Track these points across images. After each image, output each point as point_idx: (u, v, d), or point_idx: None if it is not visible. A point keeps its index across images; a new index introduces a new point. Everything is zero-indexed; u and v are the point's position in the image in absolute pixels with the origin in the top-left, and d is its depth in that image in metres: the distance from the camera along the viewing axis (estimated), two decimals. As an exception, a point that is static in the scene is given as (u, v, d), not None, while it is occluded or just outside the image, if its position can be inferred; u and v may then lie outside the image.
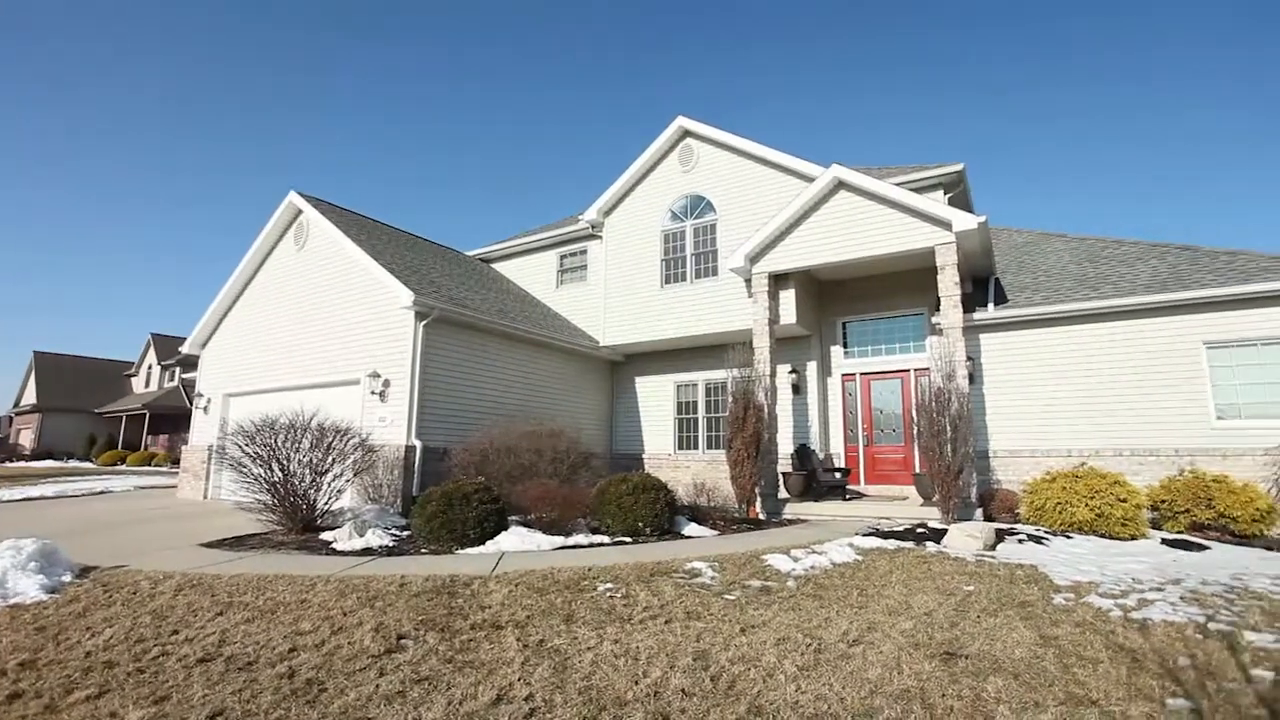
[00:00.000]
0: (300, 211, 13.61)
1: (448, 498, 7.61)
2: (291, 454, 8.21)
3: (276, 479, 8.13)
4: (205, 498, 13.89)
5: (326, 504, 8.59)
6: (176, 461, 27.44)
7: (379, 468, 10.21)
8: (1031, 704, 3.25)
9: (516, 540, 7.45)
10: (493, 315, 12.37)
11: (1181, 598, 5.21)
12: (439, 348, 11.17)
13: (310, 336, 12.63)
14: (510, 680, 3.52)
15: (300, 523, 8.22)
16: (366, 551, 7.16)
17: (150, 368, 38.63)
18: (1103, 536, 8.15)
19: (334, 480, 8.57)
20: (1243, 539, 8.26)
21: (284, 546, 7.42)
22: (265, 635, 4.21)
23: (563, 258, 16.58)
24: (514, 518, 8.39)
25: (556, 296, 16.26)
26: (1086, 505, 8.38)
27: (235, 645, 4.04)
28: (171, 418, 33.02)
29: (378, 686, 3.43)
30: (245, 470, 8.14)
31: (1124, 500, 8.29)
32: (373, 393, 10.97)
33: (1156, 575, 6.03)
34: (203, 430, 14.49)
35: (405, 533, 8.23)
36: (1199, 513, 8.62)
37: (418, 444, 10.42)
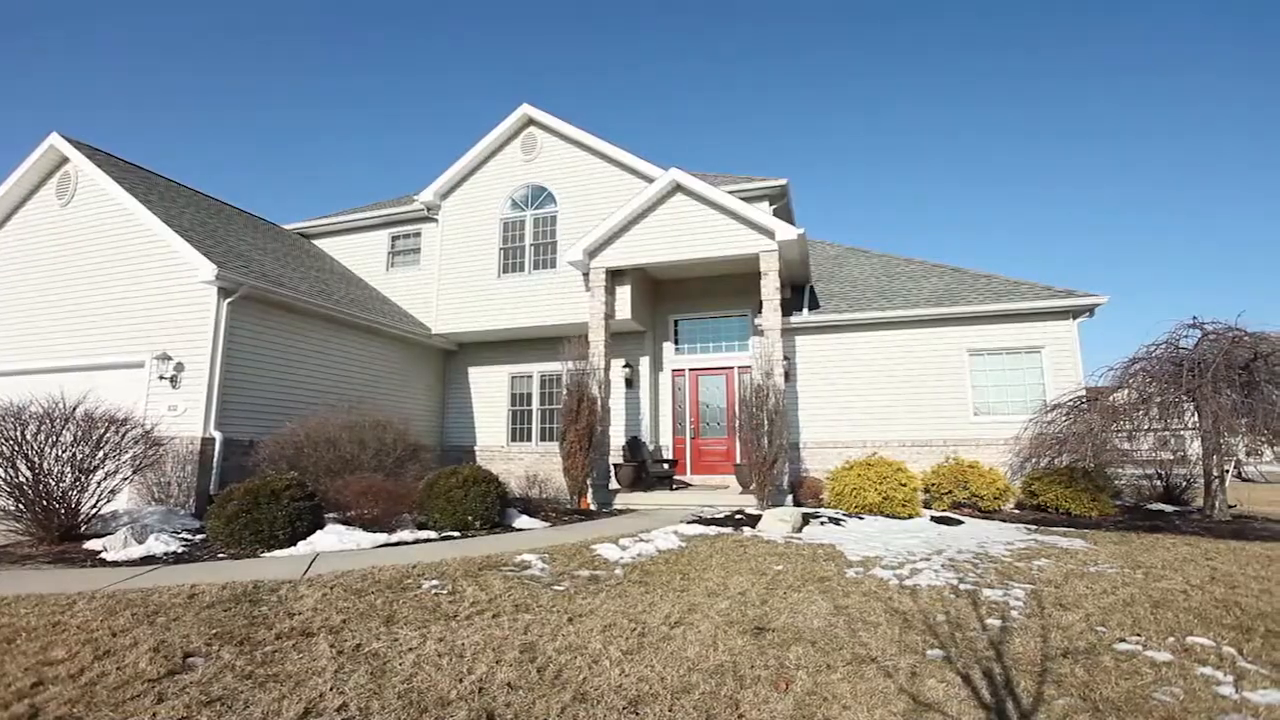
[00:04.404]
0: (66, 159, 11.43)
1: (253, 495, 6.84)
2: (46, 449, 6.88)
3: (23, 479, 6.77)
4: (-81, 503, 11.21)
5: (95, 508, 7.32)
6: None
7: (168, 464, 8.92)
8: (825, 666, 3.65)
9: (334, 540, 6.90)
10: (313, 295, 11.30)
11: (943, 565, 6.14)
12: (247, 329, 9.99)
13: (79, 310, 10.67)
14: (321, 691, 3.25)
15: (57, 531, 6.92)
16: (148, 560, 6.22)
17: None
18: (888, 517, 9.34)
19: (106, 479, 7.33)
20: (987, 513, 9.92)
21: (32, 560, 6.21)
22: None
23: (395, 239, 15.58)
24: (332, 515, 7.77)
25: (387, 279, 15.24)
26: (876, 490, 9.55)
27: (-43, 682, 3.31)
28: None
29: (154, 715, 2.99)
30: (-22, 469, 6.68)
31: (905, 485, 9.57)
32: (162, 377, 9.54)
33: (925, 548, 7.04)
34: (-83, 420, 11.65)
35: (199, 536, 7.28)
36: (958, 493, 10.22)
37: (218, 436, 9.25)
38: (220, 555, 6.47)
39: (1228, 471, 10.91)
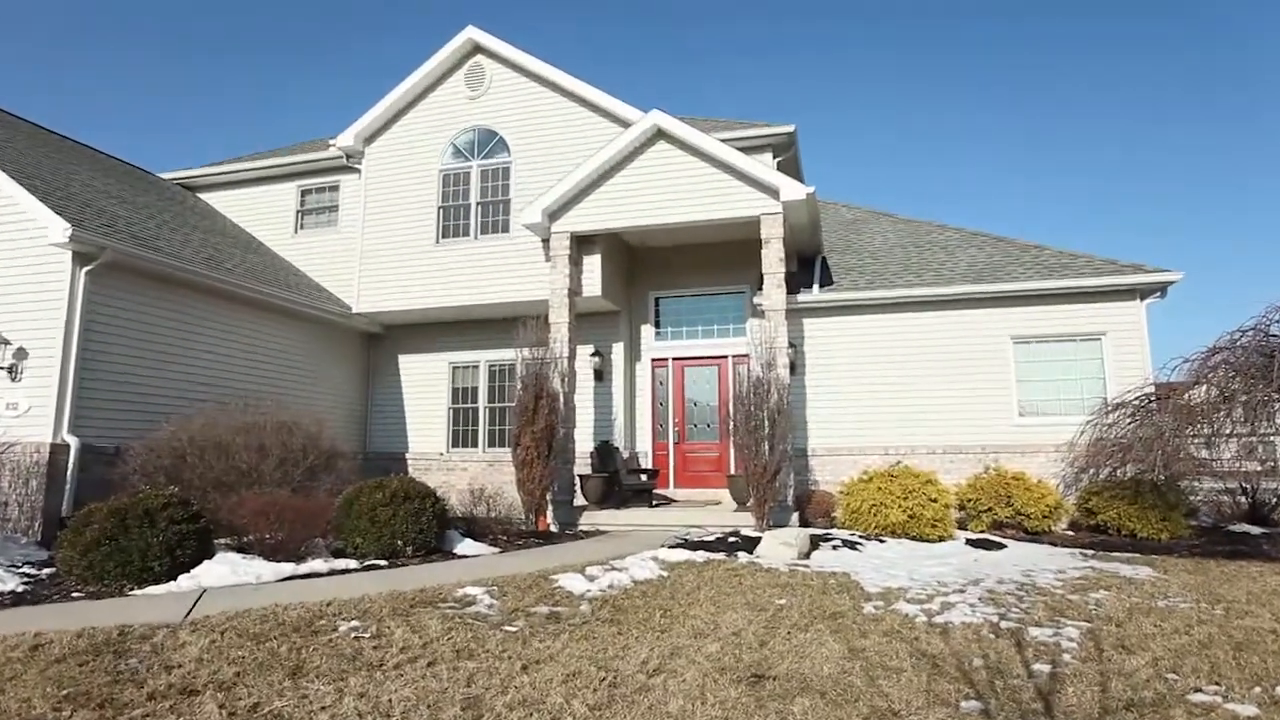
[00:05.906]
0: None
1: (119, 517, 6.68)
2: None
3: None
4: None
5: (-87, 531, 7.10)
6: None
7: (4, 477, 8.74)
8: (838, 724, 3.66)
9: (226, 571, 6.79)
10: (199, 264, 11.06)
11: (980, 598, 6.22)
12: (113, 306, 9.74)
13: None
14: (204, 763, 3.17)
15: None
16: (-19, 599, 6.06)
17: None
18: (914, 539, 9.44)
19: (-73, 496, 7.11)
20: (1034, 535, 10.09)
21: None
22: None
23: (305, 193, 15.33)
24: (224, 541, 7.66)
25: (295, 244, 15.02)
26: (900, 507, 9.65)
27: None
28: None
29: (-12, 794, 2.89)
30: None
31: (935, 500, 9.69)
32: (-1, 367, 9.28)
33: (960, 577, 7.13)
34: None
35: (47, 570, 7.12)
36: (1000, 510, 10.36)
37: (72, 442, 9.02)
38: (75, 594, 6.32)
39: (1325, 485, 11.18)
